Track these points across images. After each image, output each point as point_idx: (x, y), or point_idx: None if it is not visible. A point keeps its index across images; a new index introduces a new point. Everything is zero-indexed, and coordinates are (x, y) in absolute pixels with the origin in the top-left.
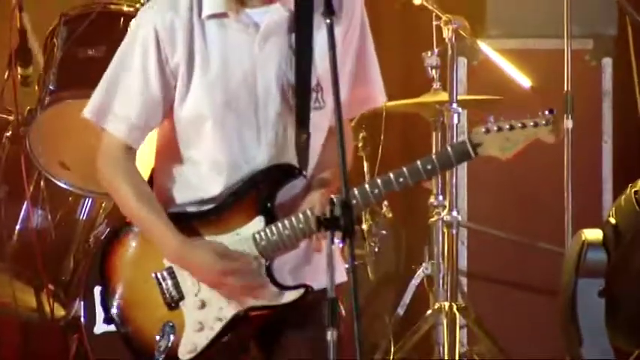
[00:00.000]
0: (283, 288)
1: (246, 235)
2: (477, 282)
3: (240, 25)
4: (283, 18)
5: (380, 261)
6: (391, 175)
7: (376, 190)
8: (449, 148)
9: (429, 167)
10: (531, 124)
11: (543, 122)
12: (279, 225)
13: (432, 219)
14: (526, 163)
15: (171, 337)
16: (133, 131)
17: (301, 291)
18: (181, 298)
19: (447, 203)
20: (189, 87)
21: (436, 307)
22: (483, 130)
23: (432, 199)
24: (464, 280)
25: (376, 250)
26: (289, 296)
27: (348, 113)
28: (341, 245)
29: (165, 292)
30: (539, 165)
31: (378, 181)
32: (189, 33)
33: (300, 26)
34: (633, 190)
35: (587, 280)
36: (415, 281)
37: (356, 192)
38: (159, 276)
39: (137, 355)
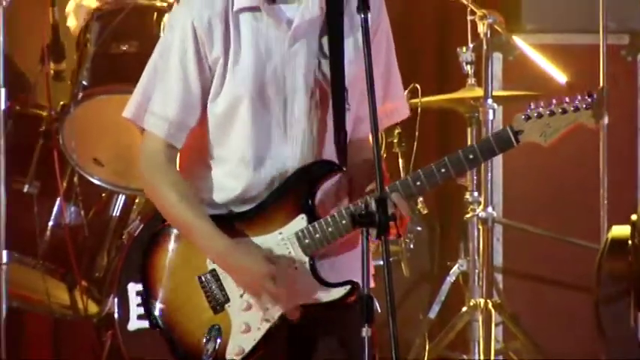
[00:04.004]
0: (329, 285)
1: (289, 234)
2: (513, 278)
3: (272, 20)
4: (315, 16)
5: (414, 257)
6: (433, 166)
7: (418, 182)
8: (490, 137)
9: (471, 157)
10: (572, 108)
11: (584, 106)
12: (322, 222)
13: (468, 215)
14: (561, 158)
15: (218, 340)
16: (172, 129)
17: (347, 287)
18: (226, 300)
19: (482, 199)
20: (224, 81)
21: (471, 304)
22: (523, 117)
23: (467, 196)
24: (499, 277)
25: (411, 246)
26: (336, 293)
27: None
28: (375, 241)
29: (210, 295)
30: (574, 161)
31: (420, 172)
32: (225, 28)
33: (332, 26)
34: None
35: (612, 277)
36: (450, 278)
37: (398, 184)
38: (203, 279)
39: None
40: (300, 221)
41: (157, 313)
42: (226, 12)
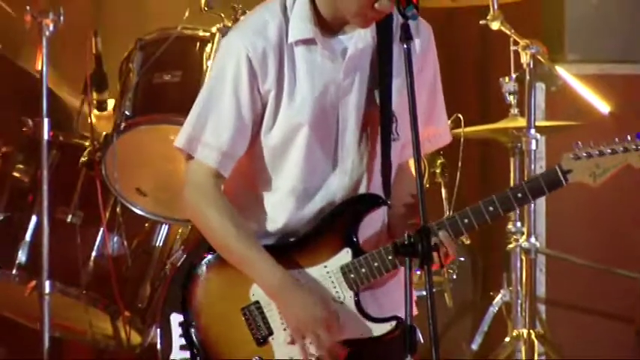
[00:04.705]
0: (374, 320)
1: (334, 267)
2: (556, 309)
3: (326, 52)
4: (367, 45)
5: (457, 288)
6: (481, 204)
7: (466, 220)
8: (539, 176)
9: (519, 195)
10: (621, 149)
11: (633, 147)
12: (368, 256)
13: (510, 245)
14: (605, 188)
15: None
16: (223, 158)
17: (393, 324)
18: (270, 332)
19: (525, 230)
20: (277, 113)
21: (514, 334)
22: (572, 156)
23: (510, 226)
24: (542, 308)
25: (454, 276)
26: (381, 329)
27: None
28: (418, 272)
29: (254, 327)
30: (618, 190)
31: (468, 210)
32: (279, 59)
33: (382, 56)
34: None
35: None
36: (493, 308)
37: (445, 222)
38: (247, 311)
39: None
40: (345, 255)
41: (198, 344)
42: (281, 44)
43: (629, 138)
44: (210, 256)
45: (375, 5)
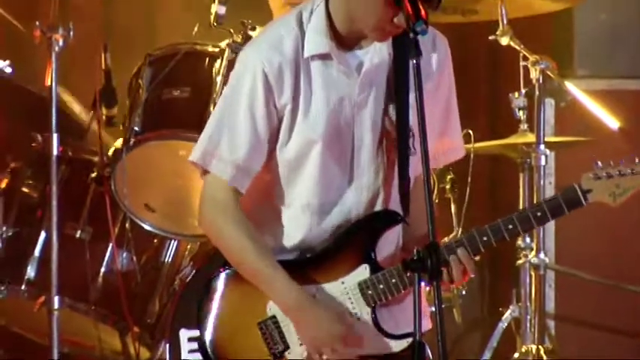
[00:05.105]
0: (391, 337)
1: (352, 283)
2: (565, 325)
3: (342, 67)
4: (384, 61)
5: (466, 303)
6: (500, 222)
7: (485, 237)
8: (559, 196)
9: (539, 214)
10: None
11: None
12: (386, 273)
13: (520, 261)
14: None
15: None
16: (239, 174)
17: (409, 340)
18: (286, 347)
19: (534, 245)
20: (293, 128)
21: (523, 350)
22: (592, 176)
23: (519, 241)
24: (551, 323)
25: (463, 292)
26: (397, 346)
27: (432, 163)
28: (427, 288)
29: (271, 341)
30: (627, 206)
31: (487, 228)
32: (295, 74)
33: (398, 71)
34: None
35: None
36: (502, 324)
37: (464, 239)
38: (263, 326)
39: None
40: (363, 271)
41: (214, 358)
42: (297, 58)
43: None
44: (226, 271)
45: (394, 20)
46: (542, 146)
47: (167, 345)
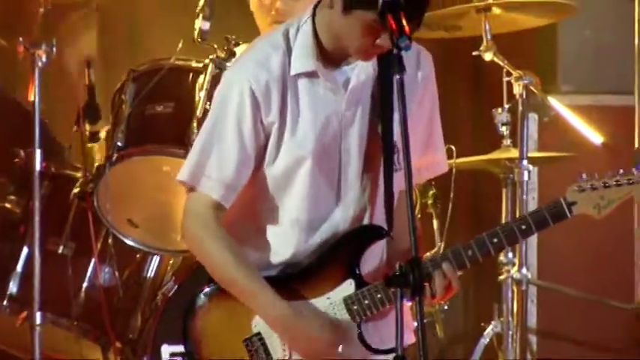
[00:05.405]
0: (376, 352)
1: (337, 299)
2: (547, 340)
3: (329, 84)
4: (369, 77)
5: (449, 318)
6: (485, 236)
7: (470, 252)
8: (543, 208)
9: (523, 227)
10: (625, 181)
11: (639, 180)
12: (371, 288)
13: (502, 276)
14: (596, 220)
15: None
16: (227, 191)
17: (394, 355)
18: None
19: (516, 260)
20: (280, 145)
21: None
22: (577, 188)
23: (501, 257)
24: (533, 339)
25: (445, 307)
26: None
27: (416, 178)
28: (409, 303)
29: (256, 357)
30: (608, 222)
31: (472, 242)
32: (282, 92)
33: (382, 87)
34: None
35: None
36: (484, 339)
37: (449, 253)
38: (249, 342)
39: None
40: (348, 287)
41: None
42: (284, 76)
43: (635, 171)
44: (210, 287)
45: (377, 41)
46: (525, 161)
47: None
